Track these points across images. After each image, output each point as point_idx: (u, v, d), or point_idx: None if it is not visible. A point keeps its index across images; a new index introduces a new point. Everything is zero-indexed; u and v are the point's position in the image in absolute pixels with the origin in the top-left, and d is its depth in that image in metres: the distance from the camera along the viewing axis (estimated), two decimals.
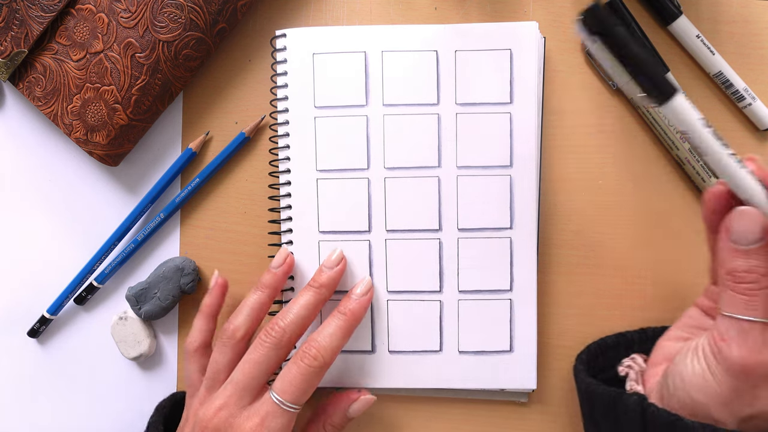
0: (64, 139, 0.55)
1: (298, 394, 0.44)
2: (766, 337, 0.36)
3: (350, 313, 0.47)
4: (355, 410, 0.49)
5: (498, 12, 0.54)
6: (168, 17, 0.50)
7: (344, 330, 0.46)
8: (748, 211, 0.37)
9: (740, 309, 0.37)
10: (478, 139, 0.51)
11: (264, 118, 0.54)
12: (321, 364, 0.44)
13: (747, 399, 0.37)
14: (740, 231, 0.37)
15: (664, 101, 0.36)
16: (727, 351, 0.37)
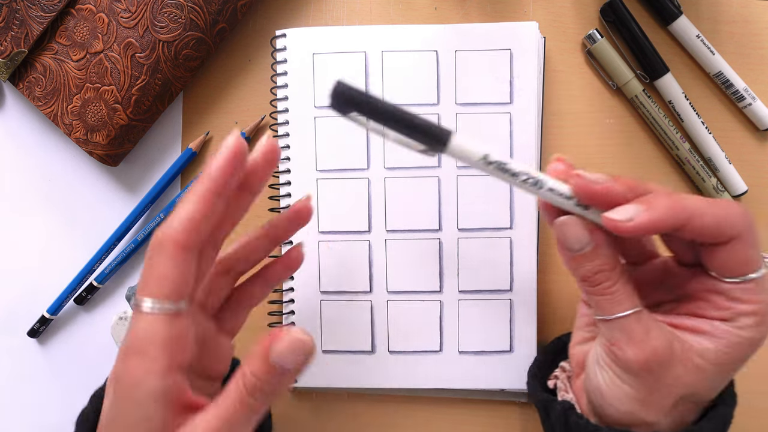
0: (64, 139, 0.55)
1: (141, 286, 0.33)
2: (644, 322, 0.37)
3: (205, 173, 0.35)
4: (278, 354, 0.32)
5: (498, 12, 0.54)
6: (168, 17, 0.50)
7: (197, 194, 0.34)
8: (565, 221, 0.37)
9: (609, 309, 0.37)
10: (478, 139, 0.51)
11: (264, 118, 0.54)
12: (160, 242, 0.33)
13: (662, 390, 0.37)
14: (570, 239, 0.37)
15: (443, 147, 0.35)
16: (621, 354, 0.37)
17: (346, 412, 0.54)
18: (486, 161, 0.36)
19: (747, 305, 0.36)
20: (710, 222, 0.35)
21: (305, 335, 0.32)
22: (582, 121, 0.53)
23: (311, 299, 0.52)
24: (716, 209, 0.35)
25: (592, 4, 0.53)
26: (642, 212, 0.34)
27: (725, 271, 0.36)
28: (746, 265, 0.36)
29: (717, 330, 0.37)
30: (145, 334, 0.33)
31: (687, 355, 0.37)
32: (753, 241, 0.36)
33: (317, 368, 0.52)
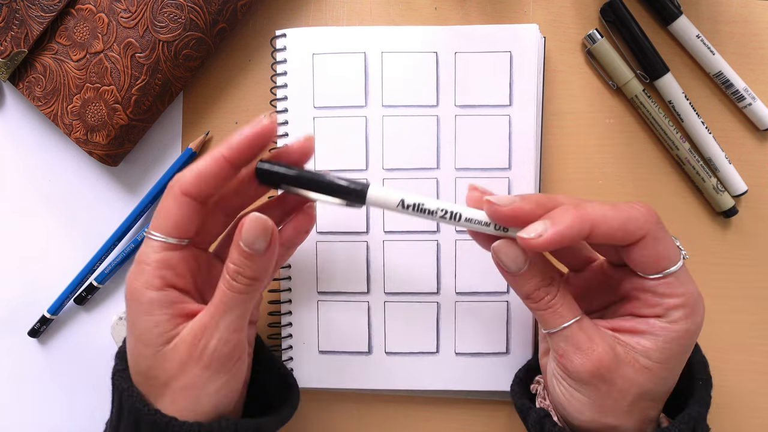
0: (64, 139, 0.55)
1: (157, 221, 0.40)
2: (586, 330, 0.39)
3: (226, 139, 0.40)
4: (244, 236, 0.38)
5: (498, 12, 0.53)
6: (168, 17, 0.50)
7: (211, 155, 0.40)
8: (498, 246, 0.39)
9: (552, 322, 0.40)
10: (477, 142, 0.51)
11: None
12: (171, 187, 0.40)
13: (615, 394, 0.39)
14: (506, 262, 0.39)
15: (362, 201, 0.39)
16: (570, 365, 0.39)
17: (344, 412, 0.54)
18: (403, 206, 0.39)
19: (673, 299, 0.38)
20: (614, 227, 0.37)
21: (262, 215, 0.38)
22: (582, 121, 0.53)
23: (309, 299, 0.52)
24: (618, 213, 0.37)
25: (592, 4, 0.53)
26: (549, 228, 0.36)
27: (645, 269, 0.38)
28: (662, 261, 0.38)
29: (653, 328, 0.39)
30: (146, 257, 0.40)
31: (631, 356, 0.39)
32: (661, 237, 0.38)
33: (314, 369, 0.52)
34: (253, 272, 0.39)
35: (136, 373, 0.41)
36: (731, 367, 0.53)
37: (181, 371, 0.39)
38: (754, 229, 0.53)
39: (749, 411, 0.53)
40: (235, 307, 0.39)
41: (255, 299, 0.41)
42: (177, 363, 0.39)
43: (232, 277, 0.39)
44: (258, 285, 0.40)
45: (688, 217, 0.53)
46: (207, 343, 0.39)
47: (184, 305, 0.40)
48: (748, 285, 0.53)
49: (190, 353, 0.39)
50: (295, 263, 0.52)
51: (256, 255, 0.38)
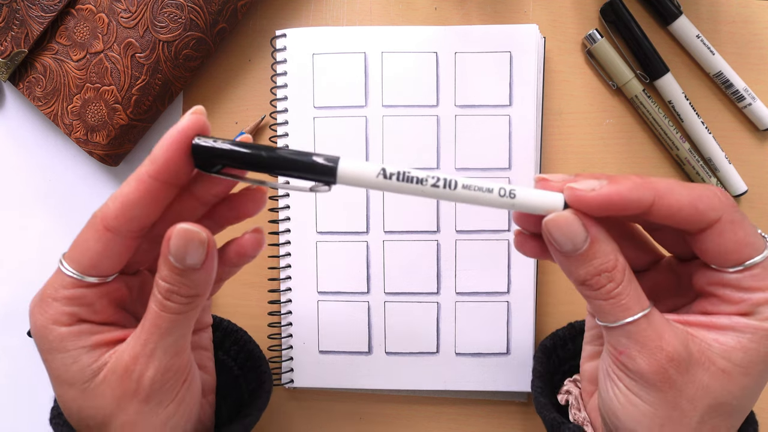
0: (64, 139, 0.55)
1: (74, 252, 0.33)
2: (655, 325, 0.33)
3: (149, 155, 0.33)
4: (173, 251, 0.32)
5: (498, 12, 0.53)
6: (168, 17, 0.50)
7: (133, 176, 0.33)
8: (555, 219, 0.32)
9: (614, 314, 0.33)
10: (477, 142, 0.51)
11: (264, 118, 0.54)
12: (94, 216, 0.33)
13: (684, 403, 0.33)
14: (560, 240, 0.33)
15: (332, 179, 0.32)
16: (632, 365, 0.33)
17: (343, 412, 0.54)
18: (385, 176, 0.32)
19: (763, 293, 0.32)
20: (682, 202, 0.32)
21: (192, 226, 0.32)
22: (582, 121, 0.53)
23: (309, 299, 0.52)
24: (688, 190, 0.32)
25: (592, 4, 0.53)
26: (605, 185, 0.31)
27: (723, 260, 0.33)
28: (744, 249, 0.32)
29: (738, 324, 0.33)
30: (53, 290, 0.33)
31: (707, 356, 0.33)
32: (740, 221, 0.32)
33: (314, 369, 0.52)
34: (191, 290, 0.33)
35: (69, 415, 0.35)
36: None
37: (117, 408, 0.34)
38: None
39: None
40: (173, 329, 0.33)
41: (196, 315, 0.35)
42: (110, 399, 0.34)
43: (165, 297, 0.33)
44: (199, 301, 0.34)
45: None
46: (142, 374, 0.33)
47: (106, 334, 0.34)
48: None
49: (123, 387, 0.33)
50: (295, 263, 0.52)
51: (190, 270, 0.32)
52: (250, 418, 0.41)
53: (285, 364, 0.52)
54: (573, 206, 0.32)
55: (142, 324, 0.34)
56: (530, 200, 0.32)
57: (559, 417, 0.40)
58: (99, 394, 0.34)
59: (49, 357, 0.34)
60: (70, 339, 0.33)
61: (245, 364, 0.46)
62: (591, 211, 0.32)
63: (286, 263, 0.52)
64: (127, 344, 0.34)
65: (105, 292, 0.35)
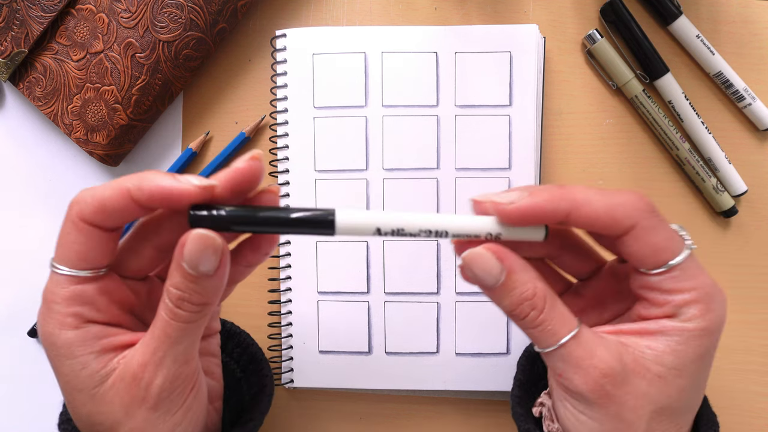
0: (64, 139, 0.55)
1: (60, 252, 0.34)
2: (585, 344, 0.34)
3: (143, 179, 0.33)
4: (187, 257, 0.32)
5: (498, 12, 0.53)
6: (168, 17, 0.50)
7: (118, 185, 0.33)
8: (469, 257, 0.34)
9: (545, 341, 0.34)
10: (477, 142, 0.51)
11: (264, 118, 0.54)
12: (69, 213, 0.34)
13: (627, 414, 0.34)
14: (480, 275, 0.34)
15: (332, 229, 0.33)
16: (571, 385, 0.34)
17: (343, 412, 0.54)
18: (380, 233, 0.33)
19: (682, 294, 0.33)
20: (598, 210, 0.33)
21: (207, 231, 0.31)
22: (582, 121, 0.53)
23: (309, 299, 0.52)
24: (605, 198, 0.33)
25: (592, 4, 0.53)
26: (525, 197, 0.33)
27: (643, 263, 0.34)
28: (661, 253, 0.33)
29: (665, 328, 0.34)
30: (52, 294, 0.33)
31: (642, 364, 0.34)
32: (654, 226, 0.33)
33: (314, 369, 0.52)
34: (202, 297, 0.33)
35: (78, 420, 0.36)
36: (731, 367, 0.53)
37: (125, 415, 0.34)
38: (754, 229, 0.53)
39: (749, 411, 0.53)
40: (183, 337, 0.33)
41: (205, 323, 0.35)
42: (118, 406, 0.34)
43: (176, 305, 0.32)
44: (209, 309, 0.34)
45: (688, 217, 0.53)
46: (150, 382, 0.33)
47: (113, 338, 0.34)
48: (747, 285, 0.53)
49: (132, 394, 0.33)
50: (295, 263, 0.52)
51: (203, 277, 0.32)
52: (253, 423, 0.41)
53: (285, 364, 0.52)
54: (500, 220, 0.34)
55: (152, 331, 0.33)
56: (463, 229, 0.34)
57: (533, 428, 0.40)
58: (108, 400, 0.34)
59: (58, 363, 0.34)
60: (77, 344, 0.33)
61: (248, 366, 0.46)
62: (514, 222, 0.33)
63: (287, 263, 0.52)
64: (135, 350, 0.34)
65: (104, 289, 0.34)
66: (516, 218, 0.33)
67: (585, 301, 0.40)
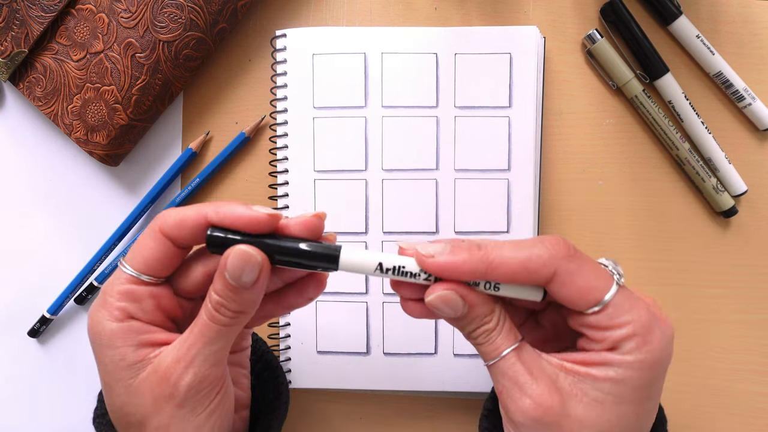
0: (64, 139, 0.55)
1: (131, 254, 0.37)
2: (525, 361, 0.35)
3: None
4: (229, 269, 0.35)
5: (498, 13, 0.53)
6: (168, 17, 0.50)
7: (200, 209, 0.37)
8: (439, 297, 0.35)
9: (488, 353, 0.36)
10: (477, 143, 0.51)
11: (264, 118, 0.54)
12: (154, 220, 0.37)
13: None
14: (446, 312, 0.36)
15: (336, 264, 0.36)
16: (511, 405, 0.35)
17: (341, 412, 0.54)
18: (381, 270, 0.36)
19: (618, 330, 0.34)
20: (514, 267, 0.34)
21: (250, 248, 0.35)
22: (582, 121, 0.53)
23: None
24: (518, 252, 0.34)
25: (592, 4, 0.53)
26: (445, 254, 0.34)
27: (575, 306, 0.35)
28: (589, 294, 0.34)
29: (606, 359, 0.35)
30: (110, 287, 0.37)
31: (579, 388, 0.35)
32: (576, 269, 0.34)
33: (312, 369, 0.52)
34: (239, 306, 0.35)
35: (112, 411, 0.38)
36: (731, 367, 0.53)
37: (154, 409, 0.36)
38: (754, 229, 0.53)
39: (749, 411, 0.53)
40: (217, 339, 0.36)
41: (238, 331, 0.37)
42: (149, 399, 0.36)
43: (215, 308, 0.35)
44: (243, 318, 0.36)
45: (688, 217, 0.53)
46: (180, 379, 0.35)
47: (152, 335, 0.37)
48: (747, 285, 0.53)
49: (162, 389, 0.35)
50: None
51: (242, 289, 0.35)
52: (272, 431, 0.43)
53: (283, 365, 0.52)
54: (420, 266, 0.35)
55: (190, 329, 0.36)
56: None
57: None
58: (141, 393, 0.36)
59: (100, 353, 0.36)
60: (119, 335, 0.36)
61: (262, 374, 0.47)
62: (436, 275, 0.35)
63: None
64: (172, 347, 0.36)
65: (154, 294, 0.37)
66: (435, 272, 0.35)
67: (544, 332, 0.41)
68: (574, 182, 0.53)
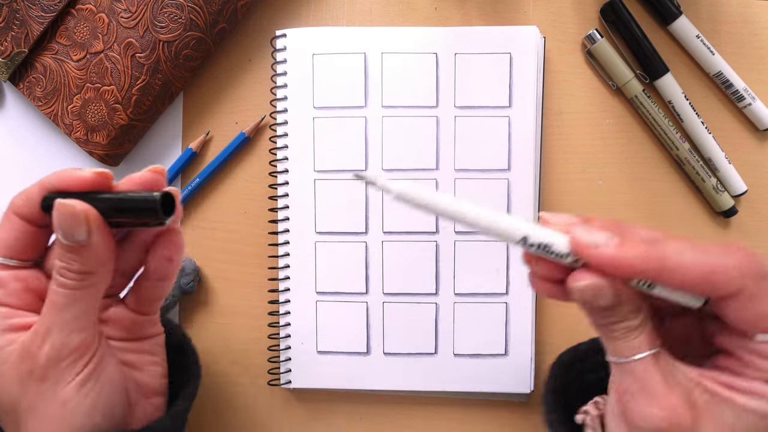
0: (64, 139, 0.55)
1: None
2: (662, 368, 0.32)
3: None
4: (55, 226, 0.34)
5: (498, 12, 0.53)
6: (168, 17, 0.50)
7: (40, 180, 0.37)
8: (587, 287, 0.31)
9: (622, 350, 0.32)
10: (477, 143, 0.51)
11: (264, 118, 0.54)
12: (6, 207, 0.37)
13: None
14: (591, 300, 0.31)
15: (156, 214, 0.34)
16: (634, 407, 0.32)
17: (341, 412, 0.54)
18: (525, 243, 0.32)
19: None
20: (694, 276, 0.30)
21: (70, 201, 0.33)
22: (582, 121, 0.53)
23: (307, 300, 0.52)
24: (702, 259, 0.30)
25: (592, 4, 0.53)
26: (613, 245, 0.30)
27: (746, 328, 0.31)
28: (766, 321, 0.30)
29: (757, 389, 0.31)
30: None
31: (714, 408, 0.31)
32: (764, 293, 0.30)
33: (312, 369, 0.52)
34: (82, 266, 0.34)
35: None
36: None
37: (21, 390, 0.35)
38: (754, 229, 0.53)
39: None
40: (69, 306, 0.34)
41: (96, 296, 0.36)
42: (15, 382, 0.35)
43: (59, 273, 0.34)
44: (93, 279, 0.35)
45: (688, 217, 0.53)
46: (38, 352, 0.34)
47: (21, 318, 0.36)
48: None
49: (23, 367, 0.34)
50: (294, 263, 0.52)
51: (79, 246, 0.34)
52: (177, 407, 0.41)
53: (283, 365, 0.52)
54: (574, 254, 0.31)
55: (44, 306, 0.35)
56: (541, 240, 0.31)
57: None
58: (8, 377, 0.35)
59: None
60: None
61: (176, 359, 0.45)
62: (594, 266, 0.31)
63: (285, 263, 0.52)
64: (31, 328, 0.35)
65: (20, 277, 0.36)
66: (596, 263, 0.30)
67: (669, 336, 0.36)
68: (574, 182, 0.53)
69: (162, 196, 0.34)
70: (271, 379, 0.53)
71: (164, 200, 0.34)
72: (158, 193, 0.34)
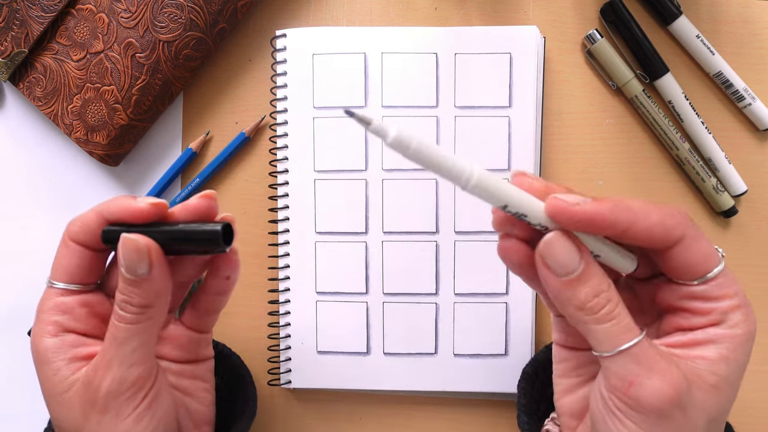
0: (64, 139, 0.55)
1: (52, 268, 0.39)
2: (655, 347, 0.32)
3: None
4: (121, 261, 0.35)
5: (498, 12, 0.53)
6: (168, 17, 0.50)
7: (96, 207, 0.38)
8: (552, 239, 0.32)
9: (617, 339, 0.32)
10: (477, 143, 0.51)
11: (264, 118, 0.54)
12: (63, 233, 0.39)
13: (688, 426, 0.32)
14: (561, 262, 0.32)
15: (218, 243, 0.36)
16: (645, 392, 0.31)
17: (341, 412, 0.54)
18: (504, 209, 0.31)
19: (728, 300, 0.33)
20: (653, 223, 0.31)
21: (133, 235, 0.35)
22: (582, 121, 0.53)
23: (307, 300, 0.52)
24: (656, 209, 0.32)
25: (592, 4, 0.53)
26: (589, 203, 0.31)
27: (690, 274, 0.33)
28: (708, 261, 0.33)
29: (714, 336, 0.33)
30: (41, 305, 0.38)
31: (697, 374, 0.32)
32: (701, 235, 0.33)
33: (312, 369, 0.52)
34: (142, 299, 0.35)
35: (57, 427, 0.38)
36: None
37: (84, 420, 0.36)
38: (753, 229, 0.53)
39: (749, 411, 0.53)
40: (129, 339, 0.35)
41: (154, 328, 0.37)
42: (78, 411, 0.36)
43: (120, 307, 0.35)
44: (152, 312, 0.36)
45: None
46: (99, 385, 0.35)
47: (84, 348, 0.37)
48: (747, 285, 0.53)
49: (86, 398, 0.36)
50: (294, 263, 0.52)
51: (141, 280, 0.35)
52: None
53: (283, 365, 0.52)
54: (552, 217, 0.31)
55: (105, 339, 0.36)
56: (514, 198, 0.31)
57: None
58: (71, 406, 0.36)
59: (39, 369, 0.37)
60: (53, 350, 0.36)
61: (233, 389, 0.47)
62: (570, 226, 0.32)
63: (285, 263, 0.52)
64: (94, 359, 0.36)
65: (85, 302, 0.38)
66: (575, 221, 0.31)
67: None
68: (574, 182, 0.53)
69: (223, 228, 0.35)
70: (271, 379, 0.53)
71: (224, 230, 0.36)
72: (219, 224, 0.35)
